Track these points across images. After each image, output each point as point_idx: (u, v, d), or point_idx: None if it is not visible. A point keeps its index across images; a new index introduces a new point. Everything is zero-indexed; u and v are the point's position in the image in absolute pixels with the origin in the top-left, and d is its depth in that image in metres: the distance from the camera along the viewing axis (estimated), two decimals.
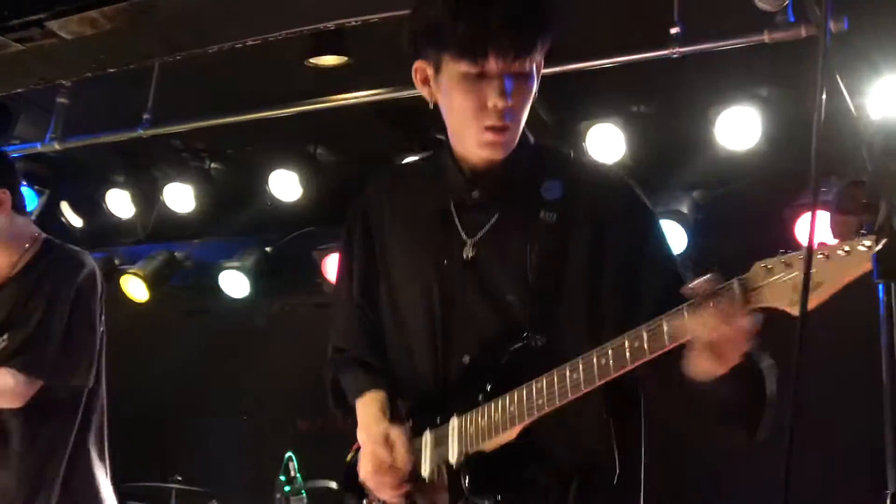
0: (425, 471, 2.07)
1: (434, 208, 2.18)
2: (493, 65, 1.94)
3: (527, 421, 1.94)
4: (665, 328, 1.75)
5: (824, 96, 1.30)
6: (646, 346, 1.78)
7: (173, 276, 7.03)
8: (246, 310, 6.97)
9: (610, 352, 1.83)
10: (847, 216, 1.18)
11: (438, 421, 2.09)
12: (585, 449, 2.03)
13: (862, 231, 1.14)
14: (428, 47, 2.04)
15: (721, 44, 3.84)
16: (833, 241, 1.56)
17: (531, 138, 2.19)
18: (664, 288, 1.93)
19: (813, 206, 1.32)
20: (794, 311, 1.58)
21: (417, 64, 2.11)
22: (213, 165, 6.64)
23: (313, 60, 4.78)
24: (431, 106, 2.15)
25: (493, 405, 1.99)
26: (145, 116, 4.95)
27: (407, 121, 5.58)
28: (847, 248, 1.50)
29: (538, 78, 2.07)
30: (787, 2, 3.40)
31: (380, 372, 2.23)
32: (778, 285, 1.65)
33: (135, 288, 6.84)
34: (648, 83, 5.07)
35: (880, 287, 1.16)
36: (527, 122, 2.14)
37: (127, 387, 7.12)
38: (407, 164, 2.32)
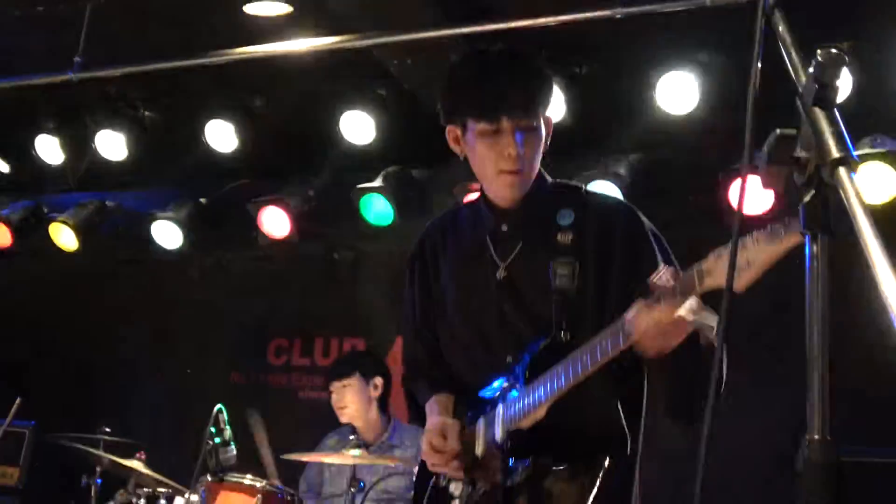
0: (479, 450, 2.51)
1: (475, 241, 2.67)
2: (505, 123, 2.43)
3: (549, 401, 2.33)
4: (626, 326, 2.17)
5: (760, 63, 1.31)
6: (620, 339, 2.19)
7: (104, 226, 6.89)
8: (179, 261, 6.87)
9: (604, 340, 2.23)
10: (777, 167, 1.21)
11: (489, 409, 2.53)
12: (603, 425, 2.45)
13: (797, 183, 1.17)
14: (455, 113, 2.55)
15: (663, 6, 3.87)
16: (761, 230, 1.84)
17: (549, 179, 2.66)
18: None
19: (745, 171, 1.35)
20: (738, 287, 1.84)
21: (449, 128, 2.59)
22: (146, 113, 6.48)
23: (250, 9, 4.69)
24: (462, 159, 2.61)
25: (526, 391, 2.40)
26: (76, 60, 4.79)
27: (347, 72, 5.51)
28: (771, 231, 1.82)
29: (548, 126, 2.55)
30: None
31: (443, 380, 2.72)
32: (722, 267, 1.93)
33: (64, 237, 6.69)
34: (590, 44, 5.08)
35: (807, 238, 1.18)
36: None
37: (55, 337, 7.02)
38: (453, 210, 2.86)
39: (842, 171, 1.05)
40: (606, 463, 2.40)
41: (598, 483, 2.38)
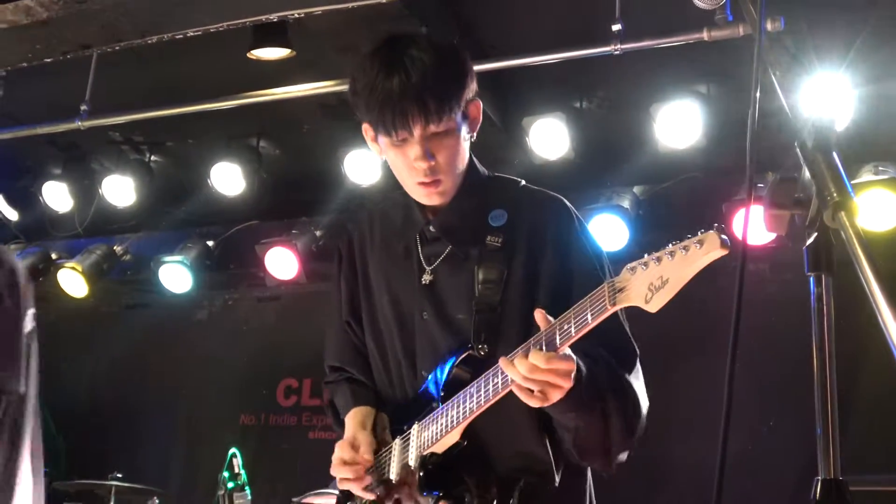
0: (393, 473, 2.30)
1: (402, 241, 2.45)
2: (407, 135, 2.19)
3: (464, 423, 2.17)
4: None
5: (759, 94, 1.33)
6: (499, 385, 2.09)
7: (112, 271, 6.92)
8: (187, 304, 6.89)
9: (489, 379, 2.11)
10: (780, 211, 1.22)
11: (405, 429, 2.35)
12: (524, 454, 2.25)
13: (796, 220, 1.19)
14: (363, 117, 2.30)
15: (662, 41, 3.90)
16: (675, 244, 1.78)
17: (482, 172, 2.45)
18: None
19: (748, 202, 1.36)
20: (648, 307, 1.81)
21: (364, 126, 2.34)
22: (153, 158, 6.55)
23: (254, 53, 4.75)
24: (382, 160, 2.39)
25: (441, 411, 2.24)
26: (83, 108, 4.85)
27: (351, 113, 5.56)
28: (686, 247, 1.75)
29: (469, 124, 2.31)
30: (724, 0, 3.46)
31: (366, 388, 2.51)
32: (636, 284, 1.84)
33: (72, 283, 6.72)
34: (591, 79, 5.13)
35: (811, 280, 1.19)
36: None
37: (64, 383, 7.02)
38: (388, 198, 2.60)
39: (843, 215, 1.07)
40: (518, 497, 2.18)
41: None
